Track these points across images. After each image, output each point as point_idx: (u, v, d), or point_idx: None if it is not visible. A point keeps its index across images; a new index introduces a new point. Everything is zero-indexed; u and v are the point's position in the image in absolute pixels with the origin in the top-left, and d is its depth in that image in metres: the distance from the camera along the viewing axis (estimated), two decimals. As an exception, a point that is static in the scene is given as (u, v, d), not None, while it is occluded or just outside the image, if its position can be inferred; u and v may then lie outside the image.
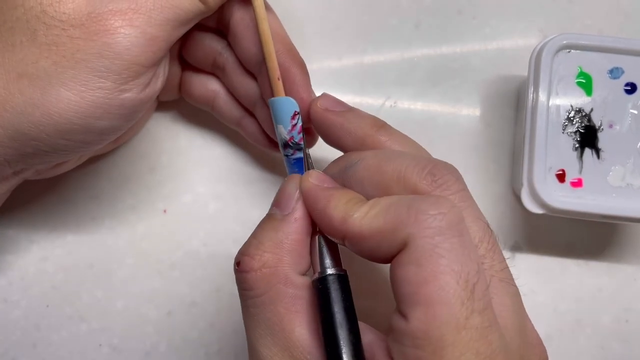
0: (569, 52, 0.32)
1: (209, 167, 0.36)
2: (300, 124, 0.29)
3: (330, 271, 0.24)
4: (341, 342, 0.22)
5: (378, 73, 0.37)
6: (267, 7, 0.30)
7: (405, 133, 0.27)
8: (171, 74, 0.33)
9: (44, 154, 0.27)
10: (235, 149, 0.36)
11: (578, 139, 0.32)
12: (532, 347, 0.23)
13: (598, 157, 0.32)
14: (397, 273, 0.21)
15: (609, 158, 0.32)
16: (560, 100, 0.32)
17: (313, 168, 0.29)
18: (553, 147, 0.31)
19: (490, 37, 0.37)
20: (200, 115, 0.36)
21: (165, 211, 0.35)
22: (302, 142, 0.30)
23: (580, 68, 0.32)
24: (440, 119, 0.37)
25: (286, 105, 0.29)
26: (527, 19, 0.37)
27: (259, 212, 0.35)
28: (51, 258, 0.35)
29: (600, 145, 0.32)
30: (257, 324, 0.23)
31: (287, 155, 0.30)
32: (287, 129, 0.29)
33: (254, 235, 0.25)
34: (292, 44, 0.30)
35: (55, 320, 0.34)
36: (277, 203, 0.25)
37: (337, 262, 0.25)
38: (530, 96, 0.32)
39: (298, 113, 0.29)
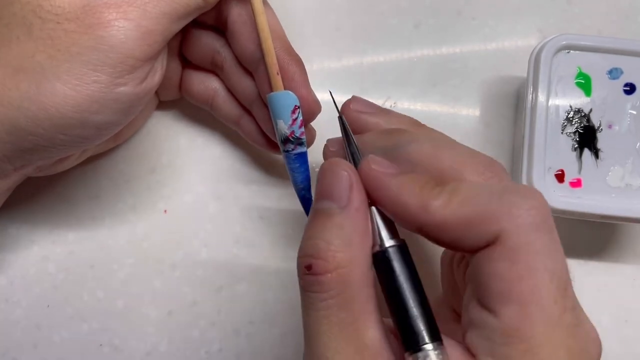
0: (568, 52, 0.32)
1: (210, 167, 0.36)
2: (300, 118, 0.29)
3: (389, 243, 0.22)
4: (417, 320, 0.21)
5: (378, 73, 0.37)
6: (265, 3, 0.30)
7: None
8: (172, 72, 0.33)
9: (43, 149, 0.27)
10: (236, 149, 0.36)
11: (577, 139, 0.32)
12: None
13: (597, 157, 0.32)
14: (486, 267, 0.20)
15: (608, 158, 0.32)
16: (559, 101, 0.32)
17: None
18: (552, 148, 0.31)
19: (489, 37, 0.37)
20: (201, 115, 0.36)
21: (165, 211, 0.35)
22: (303, 137, 0.29)
23: (579, 68, 0.32)
24: (439, 119, 0.37)
25: (286, 99, 0.29)
26: (526, 20, 0.37)
27: (259, 212, 0.35)
28: (52, 258, 0.35)
29: (599, 145, 0.32)
30: (329, 326, 0.22)
31: (287, 151, 0.30)
32: (288, 123, 0.29)
33: (317, 235, 0.22)
34: (289, 42, 0.30)
35: (56, 320, 0.34)
36: (330, 195, 0.23)
37: (394, 234, 0.23)
38: (530, 96, 0.32)
39: (298, 107, 0.29)
